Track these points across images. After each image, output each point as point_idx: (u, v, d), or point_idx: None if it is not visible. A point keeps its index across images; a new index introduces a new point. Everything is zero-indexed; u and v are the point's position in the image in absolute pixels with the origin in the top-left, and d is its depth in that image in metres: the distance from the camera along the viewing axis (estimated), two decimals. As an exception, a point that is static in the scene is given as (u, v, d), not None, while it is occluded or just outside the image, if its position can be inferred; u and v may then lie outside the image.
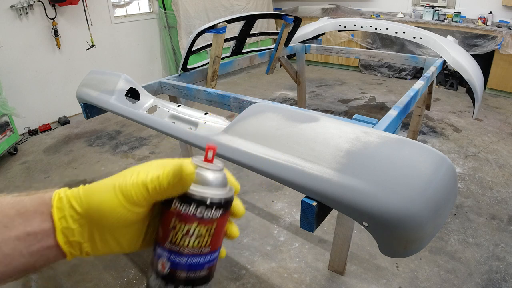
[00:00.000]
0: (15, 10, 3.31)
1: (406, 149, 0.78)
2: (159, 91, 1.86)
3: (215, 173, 0.38)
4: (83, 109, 1.64)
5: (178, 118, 1.34)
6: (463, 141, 3.18)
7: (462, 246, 1.94)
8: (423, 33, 2.53)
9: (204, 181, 0.37)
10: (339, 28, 3.01)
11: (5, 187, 2.64)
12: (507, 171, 2.67)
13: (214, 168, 0.38)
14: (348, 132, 0.84)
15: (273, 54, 2.71)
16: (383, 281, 1.73)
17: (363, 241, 1.99)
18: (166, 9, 4.70)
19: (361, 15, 5.32)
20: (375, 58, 2.76)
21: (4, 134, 2.98)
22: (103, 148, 3.23)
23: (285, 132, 0.90)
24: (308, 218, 0.81)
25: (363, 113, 3.89)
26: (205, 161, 0.38)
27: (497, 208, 2.25)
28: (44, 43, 3.61)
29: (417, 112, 2.58)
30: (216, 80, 2.14)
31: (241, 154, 0.91)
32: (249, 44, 5.13)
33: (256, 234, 2.09)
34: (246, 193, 2.48)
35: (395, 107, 1.42)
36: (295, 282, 1.75)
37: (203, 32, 1.87)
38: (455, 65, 2.35)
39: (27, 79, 3.55)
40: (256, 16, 2.19)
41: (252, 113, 1.01)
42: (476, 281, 1.71)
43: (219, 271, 1.83)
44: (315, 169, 0.78)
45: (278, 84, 5.02)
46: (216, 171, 0.38)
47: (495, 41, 4.13)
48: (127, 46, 4.52)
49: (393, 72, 5.21)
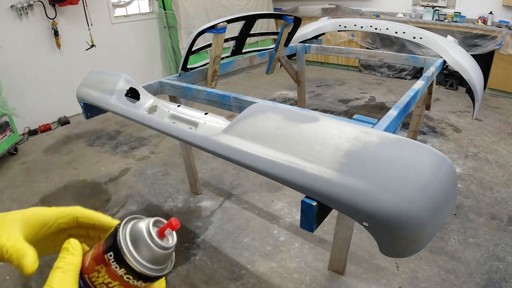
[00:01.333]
0: (15, 10, 3.31)
1: (406, 149, 0.78)
2: (159, 91, 1.86)
3: (161, 251, 0.36)
4: (83, 109, 1.64)
5: (178, 118, 1.34)
6: (463, 141, 3.18)
7: (462, 246, 1.94)
8: (423, 33, 2.53)
9: (147, 254, 0.36)
10: (339, 28, 3.01)
11: (5, 187, 2.64)
12: (507, 171, 2.67)
13: (164, 245, 0.37)
14: (348, 132, 0.84)
15: (273, 54, 2.71)
16: (383, 281, 1.73)
17: (363, 241, 1.99)
18: (166, 9, 4.70)
19: (361, 15, 5.32)
20: (375, 58, 2.76)
21: (4, 134, 2.98)
22: (103, 148, 3.23)
23: (285, 132, 0.90)
24: (308, 218, 0.81)
25: (363, 113, 3.89)
26: (160, 233, 0.37)
27: (497, 208, 2.25)
28: (44, 43, 3.61)
29: (417, 112, 2.58)
30: (216, 80, 2.14)
31: (241, 154, 0.91)
32: (249, 44, 5.13)
33: (256, 234, 2.09)
34: (246, 193, 2.48)
35: (395, 107, 1.42)
36: (295, 282, 1.75)
37: (203, 32, 1.86)
38: (455, 65, 2.35)
39: (27, 79, 3.55)
40: (256, 16, 2.19)
41: (252, 113, 1.01)
42: (476, 281, 1.72)
43: (219, 271, 1.83)
44: (315, 169, 0.78)
45: (278, 84, 5.02)
46: (163, 249, 0.37)
47: (495, 41, 4.13)
48: (127, 46, 4.52)
49: (393, 72, 5.21)
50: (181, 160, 2.71)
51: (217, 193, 2.50)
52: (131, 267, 0.35)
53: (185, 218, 2.25)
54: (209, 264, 1.88)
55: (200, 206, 2.36)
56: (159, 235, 0.36)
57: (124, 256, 0.35)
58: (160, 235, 0.36)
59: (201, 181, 2.60)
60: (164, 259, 0.37)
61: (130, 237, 0.36)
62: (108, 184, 2.65)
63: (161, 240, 0.36)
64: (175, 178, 2.71)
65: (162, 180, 2.69)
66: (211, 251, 1.97)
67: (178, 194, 2.50)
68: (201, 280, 1.78)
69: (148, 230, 0.36)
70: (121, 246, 0.35)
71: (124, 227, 0.36)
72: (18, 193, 2.56)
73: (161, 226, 0.37)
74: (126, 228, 0.36)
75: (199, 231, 2.13)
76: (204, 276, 1.81)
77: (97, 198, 2.48)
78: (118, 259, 0.35)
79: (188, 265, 1.87)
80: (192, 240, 2.06)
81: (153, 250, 0.36)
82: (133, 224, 0.37)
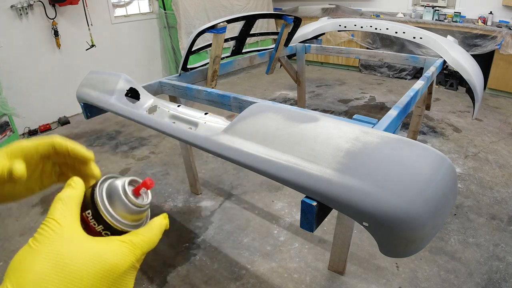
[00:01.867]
0: (15, 10, 3.31)
1: (406, 149, 0.78)
2: (159, 91, 1.86)
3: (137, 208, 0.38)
4: (83, 109, 1.64)
5: (178, 118, 1.34)
6: (463, 141, 3.18)
7: (462, 246, 1.94)
8: (423, 33, 2.53)
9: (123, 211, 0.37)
10: (339, 28, 3.01)
11: (5, 187, 2.64)
12: (507, 171, 2.67)
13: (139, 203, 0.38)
14: (348, 132, 0.84)
15: (273, 54, 2.71)
16: (383, 281, 1.73)
17: (363, 241, 1.99)
18: (166, 9, 4.70)
19: (361, 15, 5.32)
20: (375, 58, 2.76)
21: (4, 134, 2.98)
22: (103, 148, 3.23)
23: (285, 132, 0.90)
24: (308, 218, 0.81)
25: (363, 113, 3.89)
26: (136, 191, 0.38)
27: (497, 208, 2.25)
28: (44, 43, 3.61)
29: (417, 112, 2.58)
30: (216, 80, 2.14)
31: (241, 154, 0.91)
32: (249, 44, 5.13)
33: (256, 234, 2.09)
34: (246, 193, 2.48)
35: (395, 107, 1.42)
36: (295, 282, 1.75)
37: (203, 32, 1.86)
38: (455, 65, 2.35)
39: (27, 79, 3.55)
40: (256, 16, 2.19)
41: (252, 113, 1.01)
42: (476, 281, 1.72)
43: (219, 271, 1.83)
44: (315, 169, 0.78)
45: (278, 84, 5.02)
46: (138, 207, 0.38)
47: (495, 41, 4.13)
48: (127, 46, 4.52)
49: (393, 72, 5.21)
50: (181, 160, 2.71)
51: (217, 193, 2.50)
52: (108, 224, 0.37)
53: (185, 218, 2.25)
54: (209, 264, 1.88)
55: (200, 206, 2.36)
56: (135, 193, 0.38)
57: (101, 213, 0.37)
58: (136, 194, 0.38)
59: (201, 181, 2.60)
60: (139, 215, 0.39)
61: (107, 195, 0.37)
62: (108, 184, 2.64)
63: (136, 198, 0.38)
64: (175, 178, 2.71)
65: (162, 180, 2.69)
66: (211, 251, 1.97)
67: (178, 194, 2.50)
68: (201, 280, 1.78)
69: (124, 188, 0.38)
70: (98, 204, 0.37)
71: (100, 186, 0.38)
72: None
73: (136, 185, 0.39)
74: (102, 187, 0.38)
75: (199, 231, 2.13)
76: (204, 276, 1.81)
77: (97, 198, 2.48)
78: (96, 216, 0.37)
79: (188, 265, 1.87)
80: (192, 240, 2.06)
81: (129, 208, 0.38)
82: (109, 183, 0.39)
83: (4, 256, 1.95)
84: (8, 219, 2.26)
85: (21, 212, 2.32)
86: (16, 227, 2.17)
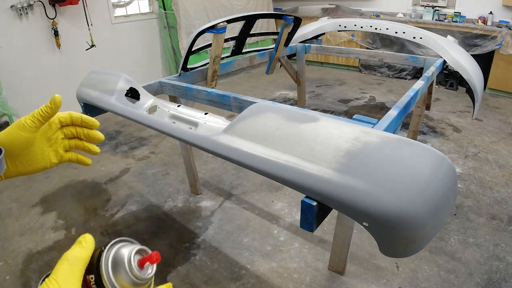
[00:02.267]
0: (15, 10, 3.31)
1: (406, 149, 0.78)
2: (159, 91, 1.86)
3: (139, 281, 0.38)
4: (83, 109, 1.64)
5: (178, 118, 1.34)
6: (463, 141, 3.18)
7: (462, 246, 1.94)
8: (423, 33, 2.53)
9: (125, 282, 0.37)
10: (339, 28, 3.01)
11: (5, 187, 2.64)
12: (507, 171, 2.67)
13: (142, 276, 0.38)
14: (348, 132, 0.84)
15: (273, 54, 2.71)
16: (383, 281, 1.73)
17: (363, 241, 1.99)
18: (166, 9, 4.70)
19: (361, 15, 5.32)
20: (375, 58, 2.76)
21: (4, 134, 2.98)
22: (103, 148, 3.23)
23: (285, 132, 0.90)
24: (308, 218, 0.81)
25: (363, 113, 3.89)
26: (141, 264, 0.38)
27: (497, 208, 2.25)
28: (44, 43, 3.61)
29: (417, 112, 2.58)
30: (216, 80, 2.14)
31: (241, 154, 0.91)
32: (249, 44, 5.13)
33: (256, 234, 2.09)
34: (246, 193, 2.48)
35: (395, 107, 1.42)
36: (295, 282, 1.75)
37: (203, 32, 1.86)
38: (455, 65, 2.35)
39: (27, 79, 3.55)
40: (256, 16, 2.19)
41: (252, 113, 1.01)
42: (476, 281, 1.72)
43: (219, 271, 1.83)
44: (315, 169, 0.78)
45: (278, 84, 5.02)
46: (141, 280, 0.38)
47: (495, 41, 4.13)
48: (127, 46, 4.52)
49: (393, 72, 5.21)
50: (181, 160, 2.71)
51: (217, 193, 2.50)
52: None
53: (185, 218, 2.25)
54: (209, 264, 1.88)
55: (200, 206, 2.36)
56: (140, 265, 0.38)
57: (103, 282, 0.36)
58: (141, 266, 0.38)
59: (201, 181, 2.60)
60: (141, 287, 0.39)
61: (112, 264, 0.37)
62: (108, 184, 2.65)
63: (140, 270, 0.38)
64: (175, 178, 2.71)
65: (162, 180, 2.69)
66: (211, 251, 1.97)
67: (178, 194, 2.50)
68: (201, 280, 1.78)
69: (130, 261, 0.38)
70: (102, 272, 0.36)
71: (108, 252, 0.38)
72: (18, 193, 2.56)
73: (144, 255, 0.39)
74: (109, 254, 0.38)
75: (199, 231, 2.13)
76: (204, 276, 1.81)
77: (97, 198, 2.48)
78: (98, 283, 0.37)
79: (188, 265, 1.87)
80: (192, 240, 2.06)
81: (132, 280, 0.37)
82: (116, 251, 0.38)
83: (4, 256, 1.95)
84: (8, 219, 2.26)
85: (21, 212, 2.32)
86: (16, 227, 2.17)
